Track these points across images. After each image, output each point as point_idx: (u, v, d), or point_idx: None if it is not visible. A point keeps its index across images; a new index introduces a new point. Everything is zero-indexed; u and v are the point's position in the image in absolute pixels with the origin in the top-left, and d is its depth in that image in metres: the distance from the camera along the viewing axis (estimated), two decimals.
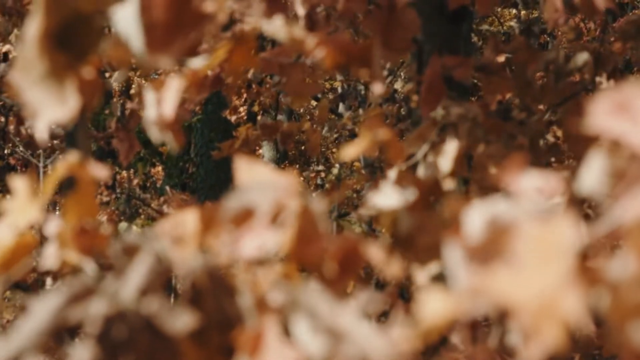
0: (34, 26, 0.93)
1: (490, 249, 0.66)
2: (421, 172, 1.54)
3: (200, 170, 6.06)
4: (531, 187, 0.69)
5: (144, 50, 1.02)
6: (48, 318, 0.73)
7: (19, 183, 1.01)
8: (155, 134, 1.13)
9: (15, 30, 3.86)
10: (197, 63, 1.09)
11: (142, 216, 6.19)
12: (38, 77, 0.93)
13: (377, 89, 1.17)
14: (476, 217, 0.68)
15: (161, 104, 1.11)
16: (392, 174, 0.98)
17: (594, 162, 0.68)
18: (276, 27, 1.14)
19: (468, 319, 0.67)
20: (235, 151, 3.65)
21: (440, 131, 1.55)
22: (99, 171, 0.98)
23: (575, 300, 0.62)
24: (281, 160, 7.82)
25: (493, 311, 0.64)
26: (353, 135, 5.83)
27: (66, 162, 0.97)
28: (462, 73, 1.67)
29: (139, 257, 0.76)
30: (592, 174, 0.67)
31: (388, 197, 0.95)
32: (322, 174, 7.16)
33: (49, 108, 0.93)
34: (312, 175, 7.31)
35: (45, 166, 4.51)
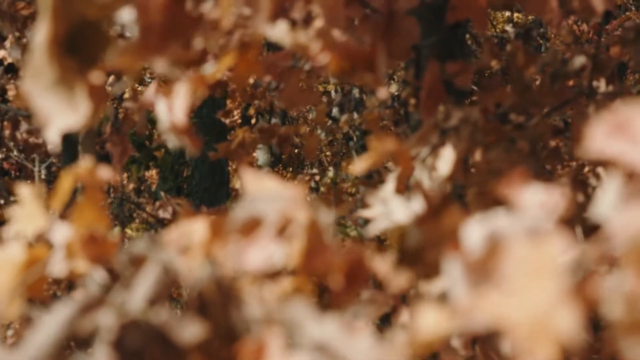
0: (42, 33, 0.93)
1: (487, 266, 0.66)
2: (419, 176, 1.54)
3: (195, 174, 6.06)
4: (533, 201, 0.69)
5: (138, 52, 1.02)
6: (60, 328, 0.73)
7: (24, 190, 1.00)
8: (172, 140, 1.13)
9: (10, 36, 3.84)
10: (206, 69, 1.10)
11: (137, 220, 6.18)
12: (48, 84, 0.93)
13: (382, 95, 1.17)
14: (474, 232, 0.68)
15: (172, 110, 1.12)
16: (390, 184, 0.97)
17: (610, 187, 0.68)
18: (281, 32, 1.14)
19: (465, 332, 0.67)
20: (232, 153, 3.65)
21: (441, 135, 1.55)
22: (106, 174, 0.98)
23: (568, 319, 0.62)
24: (275, 164, 7.82)
25: (487, 329, 0.65)
26: (348, 139, 5.83)
27: (75, 170, 0.97)
28: (462, 79, 1.67)
29: (146, 268, 0.76)
30: (608, 199, 0.67)
31: (397, 212, 0.95)
32: (317, 177, 7.16)
33: (60, 115, 0.93)
34: (307, 178, 7.31)
35: (39, 171, 4.50)
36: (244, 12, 1.12)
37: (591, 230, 1.75)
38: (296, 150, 8.17)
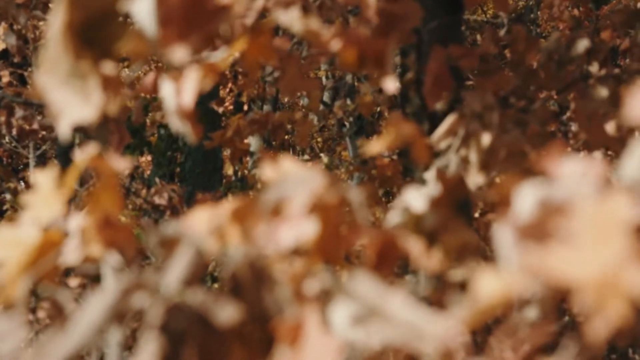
0: (57, 22, 0.92)
1: (543, 229, 0.67)
2: (453, 168, 1.54)
3: (188, 160, 6.06)
4: (574, 172, 0.69)
5: (157, 42, 1.02)
6: (106, 310, 0.73)
7: (40, 177, 1.01)
8: (175, 124, 1.13)
9: (3, 23, 3.83)
10: (216, 56, 1.09)
11: (130, 206, 6.16)
12: (62, 75, 0.93)
13: (390, 85, 1.18)
14: (527, 197, 0.68)
15: (180, 94, 1.11)
16: (431, 175, 0.97)
17: (636, 151, 0.69)
18: (292, 18, 1.14)
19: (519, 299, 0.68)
20: (226, 141, 3.65)
21: (469, 123, 1.55)
22: (119, 164, 0.98)
23: (638, 276, 0.62)
24: (266, 150, 7.81)
25: (549, 289, 0.65)
26: (341, 125, 5.83)
27: (86, 155, 0.97)
28: (468, 63, 1.67)
29: (179, 250, 0.76)
30: (634, 163, 0.68)
31: (417, 199, 0.95)
32: (309, 164, 7.16)
33: (74, 107, 0.93)
34: None
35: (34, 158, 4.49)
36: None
37: None
38: (287, 137, 8.16)
